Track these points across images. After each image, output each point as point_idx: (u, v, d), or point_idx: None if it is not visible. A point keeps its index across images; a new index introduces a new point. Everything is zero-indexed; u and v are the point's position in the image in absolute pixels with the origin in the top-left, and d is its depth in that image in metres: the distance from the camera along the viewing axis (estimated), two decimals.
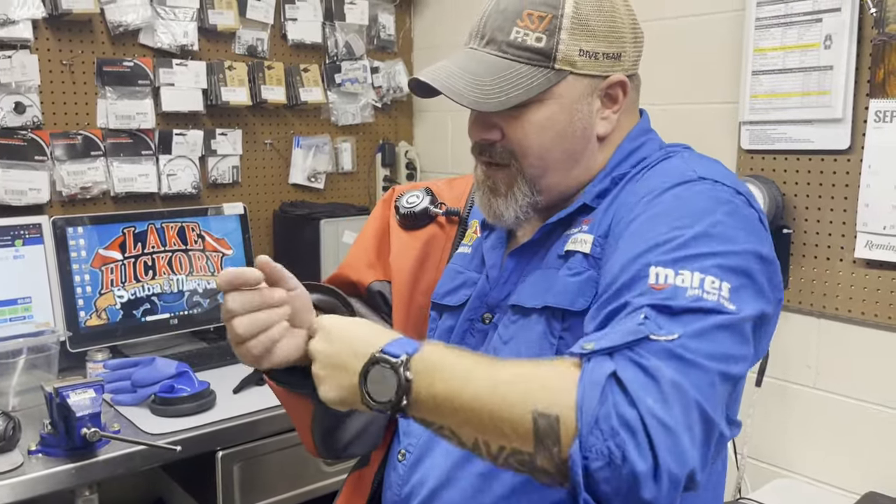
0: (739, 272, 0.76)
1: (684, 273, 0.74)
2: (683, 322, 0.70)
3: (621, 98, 0.94)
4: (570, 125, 0.92)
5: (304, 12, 2.44)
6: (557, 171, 0.94)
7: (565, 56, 0.89)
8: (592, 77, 0.91)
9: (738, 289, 0.75)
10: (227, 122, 2.35)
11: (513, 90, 0.89)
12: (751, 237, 0.80)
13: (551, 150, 0.92)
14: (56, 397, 1.44)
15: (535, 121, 0.91)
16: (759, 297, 0.77)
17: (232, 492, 1.68)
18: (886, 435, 1.64)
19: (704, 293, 0.72)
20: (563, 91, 0.91)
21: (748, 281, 0.77)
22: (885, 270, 1.60)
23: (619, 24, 0.92)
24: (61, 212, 2.04)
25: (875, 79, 1.57)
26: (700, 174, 0.85)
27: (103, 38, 2.11)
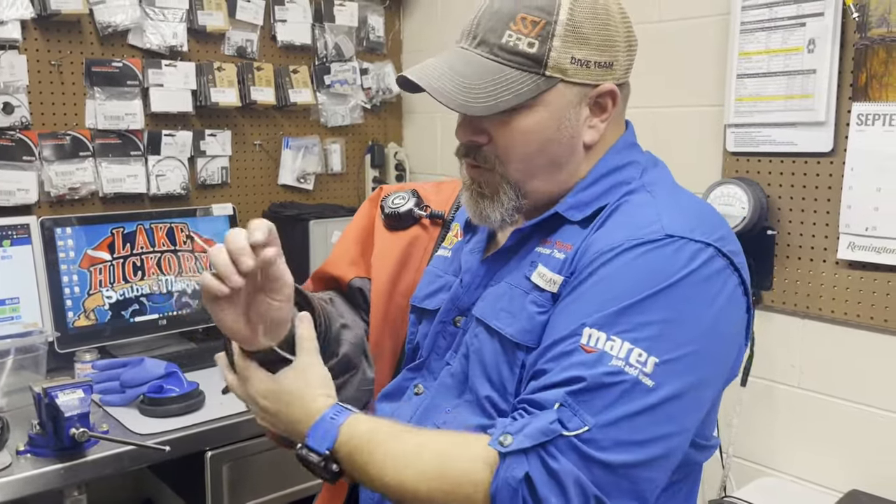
0: (674, 345, 0.77)
1: (615, 340, 0.76)
2: (597, 407, 0.74)
3: (610, 107, 0.93)
4: (557, 132, 0.91)
5: (293, 14, 2.45)
6: (541, 177, 0.93)
7: (556, 63, 0.88)
8: (583, 85, 0.90)
9: (667, 363, 0.76)
10: (217, 123, 2.35)
11: (501, 95, 0.87)
12: (702, 308, 0.79)
13: (536, 156, 0.91)
14: (44, 398, 1.44)
15: (522, 127, 0.90)
16: (692, 370, 0.78)
17: (221, 492, 1.68)
18: (869, 434, 1.66)
19: (627, 366, 0.75)
20: (553, 98, 0.89)
21: (683, 355, 0.77)
22: (868, 271, 1.63)
23: (613, 33, 0.90)
24: (49, 212, 2.03)
25: (858, 82, 1.59)
26: (667, 229, 0.82)
27: (92, 39, 2.10)
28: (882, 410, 1.65)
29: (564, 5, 0.88)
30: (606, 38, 0.90)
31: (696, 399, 0.80)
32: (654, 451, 0.76)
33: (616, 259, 0.81)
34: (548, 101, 0.89)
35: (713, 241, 0.83)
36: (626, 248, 0.81)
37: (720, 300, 0.81)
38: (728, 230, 0.88)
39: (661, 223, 0.83)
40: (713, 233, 0.84)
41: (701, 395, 0.81)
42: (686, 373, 0.77)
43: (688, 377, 0.77)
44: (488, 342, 0.91)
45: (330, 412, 0.87)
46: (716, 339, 0.81)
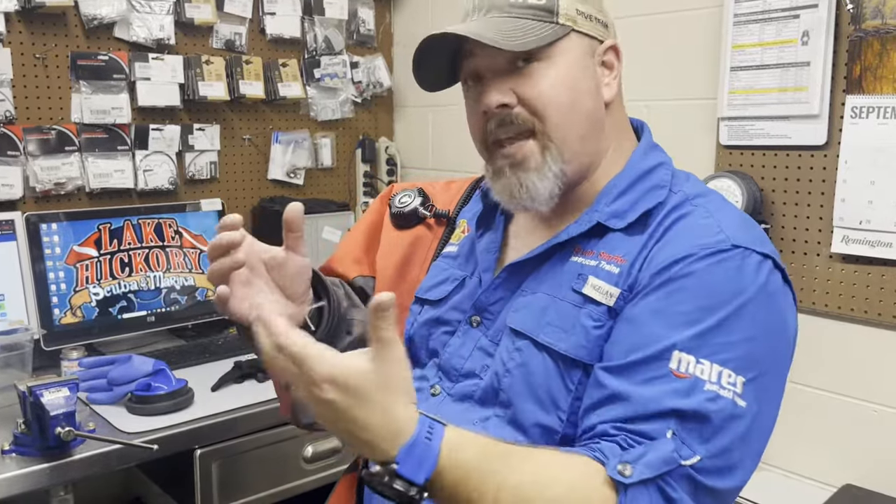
0: (757, 362, 0.78)
1: (704, 363, 0.76)
2: (705, 436, 0.74)
3: (616, 64, 0.96)
4: (582, 81, 0.92)
5: (282, 6, 2.42)
6: (578, 131, 0.92)
7: (566, 12, 0.92)
8: (591, 38, 0.94)
9: (753, 381, 0.78)
10: (205, 118, 2.32)
11: (527, 37, 0.89)
12: (776, 322, 0.81)
13: (568, 107, 0.91)
14: (29, 396, 1.42)
15: (549, 78, 0.90)
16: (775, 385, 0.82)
17: (210, 490, 1.66)
18: (863, 428, 1.66)
19: (721, 389, 0.75)
20: (569, 46, 0.92)
21: (766, 370, 0.79)
22: (862, 265, 1.62)
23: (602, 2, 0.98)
24: (35, 208, 2.00)
25: (852, 75, 1.59)
26: (732, 240, 0.82)
27: (77, 32, 2.07)
28: (876, 405, 1.64)
29: None
30: (600, 2, 0.98)
31: (776, 412, 0.83)
32: (752, 468, 0.79)
33: (689, 269, 0.81)
34: (565, 50, 0.92)
35: (769, 252, 0.84)
36: (698, 257, 0.81)
37: (787, 313, 0.84)
38: (772, 246, 0.88)
39: (724, 233, 0.83)
40: (765, 244, 0.85)
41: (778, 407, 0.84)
42: (770, 388, 0.80)
43: (772, 392, 0.81)
44: (536, 357, 0.88)
45: (422, 430, 0.69)
46: (788, 351, 0.84)
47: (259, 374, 1.84)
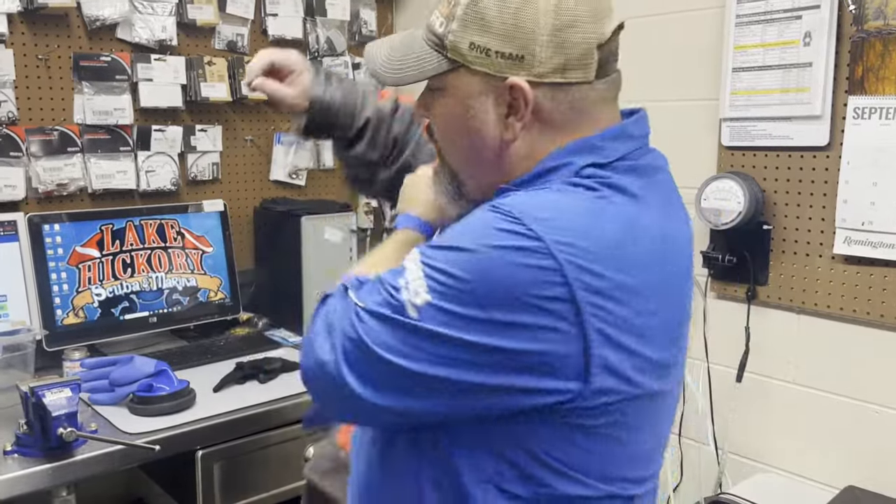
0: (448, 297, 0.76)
1: (416, 265, 0.79)
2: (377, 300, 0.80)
3: (522, 107, 0.84)
4: (465, 121, 0.87)
5: (284, 7, 2.42)
6: (464, 162, 0.91)
7: (454, 46, 0.85)
8: (487, 75, 0.84)
9: (436, 309, 0.77)
10: (207, 118, 2.32)
11: (409, 69, 0.88)
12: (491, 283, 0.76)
13: (455, 141, 0.91)
14: (32, 397, 1.42)
15: (440, 108, 0.90)
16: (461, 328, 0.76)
17: (212, 491, 1.66)
18: (865, 429, 1.66)
19: (404, 287, 0.79)
20: (458, 83, 0.86)
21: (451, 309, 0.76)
22: (864, 266, 1.62)
23: (527, 24, 0.81)
24: (37, 209, 2.01)
25: (854, 76, 1.58)
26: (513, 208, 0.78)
27: (80, 33, 2.08)
28: (878, 406, 1.64)
29: None
30: (516, 28, 0.81)
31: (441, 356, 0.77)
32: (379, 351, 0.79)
33: None
34: (454, 86, 0.87)
35: (550, 239, 0.75)
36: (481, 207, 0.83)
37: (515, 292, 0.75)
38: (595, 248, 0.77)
39: (520, 201, 0.80)
40: (557, 234, 0.76)
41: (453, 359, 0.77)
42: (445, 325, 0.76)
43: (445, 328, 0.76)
44: None
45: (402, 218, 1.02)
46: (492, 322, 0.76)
47: (261, 374, 1.84)
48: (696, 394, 1.92)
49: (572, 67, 0.83)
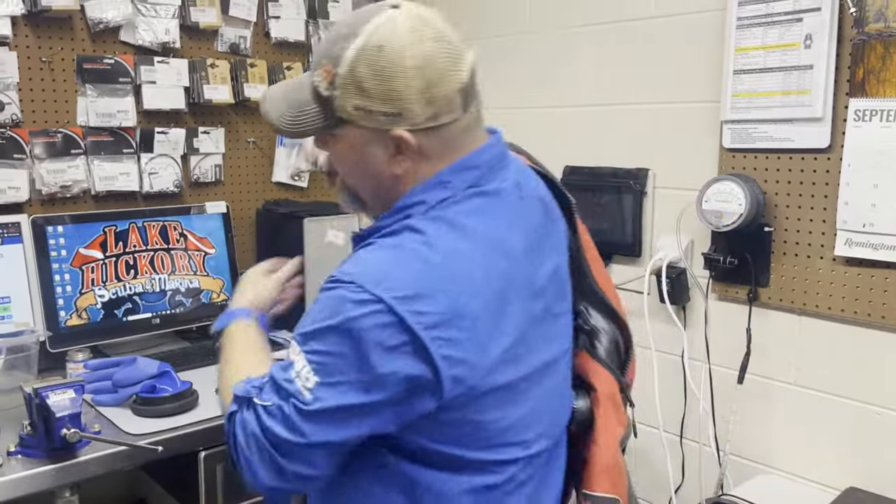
0: (330, 372, 0.94)
1: (300, 356, 0.97)
2: (279, 395, 0.98)
3: (405, 150, 1.01)
4: (361, 163, 1.05)
5: (287, 10, 2.43)
6: (362, 189, 1.10)
7: (342, 108, 1.01)
8: (373, 129, 1.01)
9: (325, 386, 0.95)
10: (210, 121, 2.33)
11: (304, 126, 1.05)
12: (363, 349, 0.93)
13: (352, 177, 1.09)
14: (35, 398, 1.42)
15: (336, 150, 1.08)
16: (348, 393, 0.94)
17: (215, 492, 1.67)
18: (867, 431, 1.66)
19: (296, 377, 0.96)
20: (349, 135, 1.03)
21: (336, 380, 0.94)
22: (865, 268, 1.62)
23: (399, 89, 0.97)
24: (41, 210, 2.01)
25: (855, 78, 1.59)
26: (354, 278, 0.95)
27: (83, 35, 2.09)
28: (879, 407, 1.64)
29: (346, 60, 0.99)
30: (391, 91, 0.98)
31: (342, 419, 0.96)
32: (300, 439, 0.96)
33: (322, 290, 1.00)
34: (345, 136, 1.04)
35: (388, 297, 0.92)
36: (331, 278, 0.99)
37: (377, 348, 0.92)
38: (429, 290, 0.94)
39: (359, 268, 0.97)
40: (397, 290, 0.93)
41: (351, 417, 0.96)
42: (343, 395, 0.94)
43: (344, 398, 0.94)
44: None
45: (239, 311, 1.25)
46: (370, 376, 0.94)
47: None
48: (698, 395, 1.92)
49: (442, 113, 1.00)
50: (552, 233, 1.12)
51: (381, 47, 0.98)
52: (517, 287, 1.01)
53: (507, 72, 2.37)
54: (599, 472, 1.14)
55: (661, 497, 2.05)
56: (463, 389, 0.95)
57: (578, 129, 2.18)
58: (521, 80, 2.33)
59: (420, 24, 1.00)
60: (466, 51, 1.04)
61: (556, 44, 2.22)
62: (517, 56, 2.33)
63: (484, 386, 0.97)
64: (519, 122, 2.33)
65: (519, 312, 1.01)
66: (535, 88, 2.29)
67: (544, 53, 2.26)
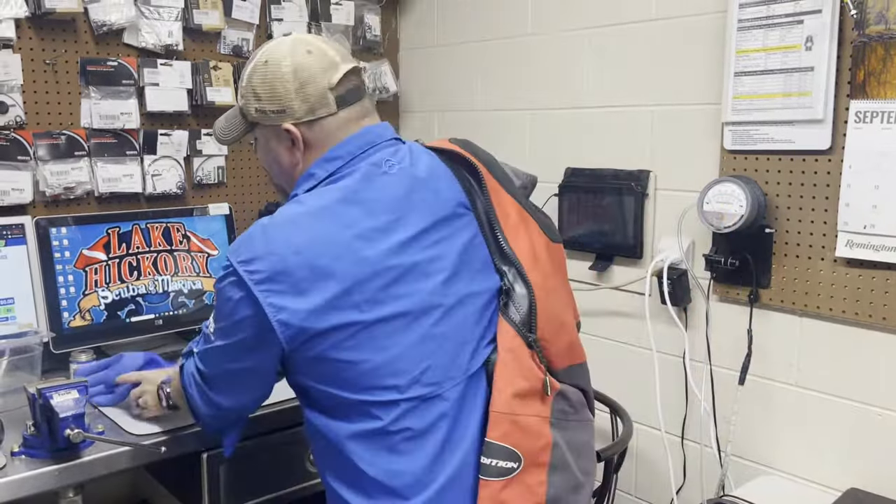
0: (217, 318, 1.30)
1: None
2: (202, 341, 1.35)
3: (295, 139, 1.31)
4: (272, 158, 1.38)
5: (289, 13, 2.44)
6: (280, 180, 1.41)
7: (247, 112, 1.36)
8: (271, 126, 1.33)
9: (217, 329, 1.30)
10: (213, 123, 2.33)
11: (232, 131, 1.42)
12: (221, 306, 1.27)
13: (268, 168, 1.42)
14: (39, 398, 1.43)
15: (257, 150, 1.42)
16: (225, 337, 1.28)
17: (218, 493, 1.67)
18: (868, 432, 1.66)
19: (207, 327, 1.33)
20: (259, 135, 1.38)
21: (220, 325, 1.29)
22: (866, 269, 1.62)
23: (280, 91, 1.29)
24: (44, 212, 2.02)
25: (855, 80, 1.59)
26: (227, 252, 1.25)
27: (87, 38, 2.10)
28: (881, 409, 1.64)
29: (245, 76, 1.35)
30: (274, 94, 1.30)
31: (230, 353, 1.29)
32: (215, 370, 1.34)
33: None
34: (259, 137, 1.39)
35: (235, 262, 1.22)
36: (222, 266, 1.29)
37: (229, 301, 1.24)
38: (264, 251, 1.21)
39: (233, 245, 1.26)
40: (241, 255, 1.22)
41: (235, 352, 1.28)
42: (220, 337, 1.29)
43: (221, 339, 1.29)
44: None
45: None
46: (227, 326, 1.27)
47: None
48: (699, 396, 1.93)
49: (317, 108, 1.30)
50: (430, 201, 1.29)
51: (267, 61, 1.31)
52: (345, 249, 1.20)
53: (508, 74, 2.37)
54: (493, 418, 1.20)
55: (663, 498, 2.05)
56: (294, 331, 1.19)
57: (580, 131, 2.19)
58: (522, 83, 2.33)
59: (299, 43, 1.31)
60: (342, 64, 1.31)
61: (557, 47, 2.23)
62: (519, 59, 2.34)
63: (315, 327, 1.18)
64: (520, 124, 2.33)
65: (346, 269, 1.19)
66: (537, 91, 2.29)
67: (546, 56, 2.26)
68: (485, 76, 2.45)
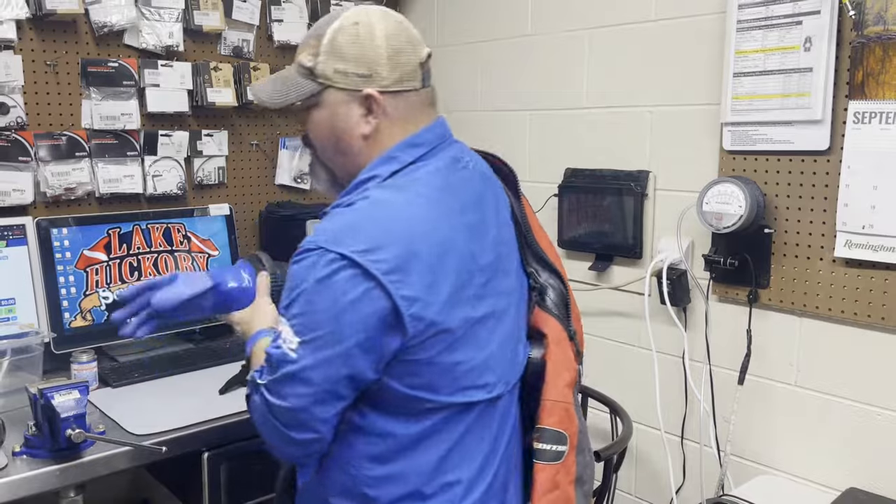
0: (310, 328, 1.09)
1: (283, 324, 1.12)
2: (271, 371, 1.14)
3: (375, 108, 1.21)
4: (335, 124, 1.23)
5: (289, 13, 2.45)
6: (333, 158, 1.26)
7: (322, 72, 1.21)
8: (348, 90, 1.21)
9: (305, 343, 1.09)
10: (213, 123, 2.35)
11: (290, 94, 1.25)
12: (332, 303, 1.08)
13: (326, 141, 1.25)
14: (41, 398, 1.43)
15: (315, 119, 1.25)
16: (326, 348, 1.09)
17: (218, 492, 1.68)
18: (867, 431, 1.67)
19: (283, 342, 1.11)
20: (327, 98, 1.22)
21: (315, 335, 1.09)
22: (865, 269, 1.63)
23: (370, 54, 1.19)
24: (45, 213, 2.03)
25: (854, 80, 1.60)
26: (318, 243, 1.10)
27: (88, 39, 2.10)
28: (880, 408, 1.65)
29: (328, 33, 1.21)
30: (363, 56, 1.19)
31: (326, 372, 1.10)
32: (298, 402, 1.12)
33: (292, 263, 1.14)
34: (325, 101, 1.23)
35: (346, 252, 1.08)
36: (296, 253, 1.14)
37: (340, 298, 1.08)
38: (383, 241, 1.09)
39: (316, 236, 1.12)
40: (355, 245, 1.08)
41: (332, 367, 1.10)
42: (320, 350, 1.09)
43: (321, 353, 1.09)
44: None
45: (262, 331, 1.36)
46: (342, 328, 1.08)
47: None
48: (699, 396, 1.93)
49: (405, 79, 1.22)
50: (493, 202, 1.28)
51: (357, 23, 1.21)
52: (457, 241, 1.16)
53: (508, 75, 2.38)
54: (549, 406, 1.25)
55: (663, 497, 2.06)
56: (423, 326, 1.09)
57: (579, 132, 2.19)
58: (522, 84, 2.34)
59: (389, 13, 1.25)
60: (422, 39, 1.27)
61: (557, 47, 2.23)
62: (519, 59, 2.34)
63: (441, 324, 1.11)
64: (520, 124, 2.34)
65: (460, 262, 1.15)
66: (537, 91, 2.30)
67: (546, 57, 2.27)
68: (485, 76, 2.46)
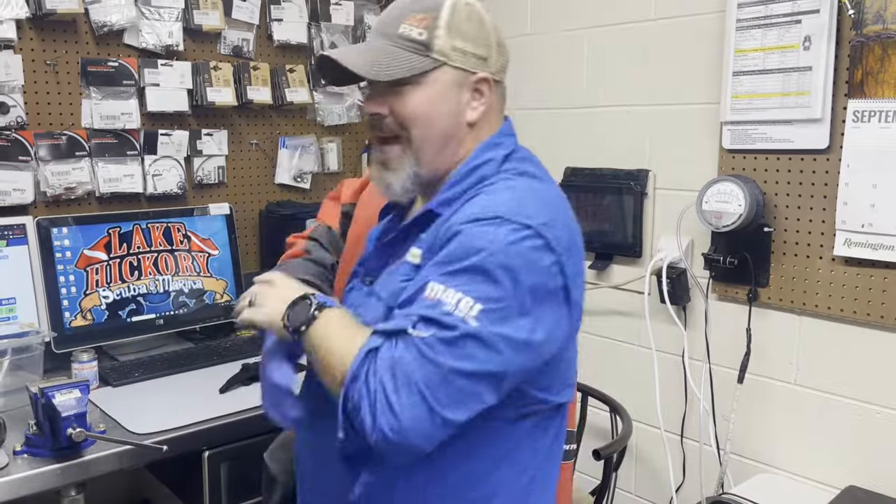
0: (495, 300, 0.97)
1: (449, 292, 0.97)
2: (435, 328, 0.96)
3: (487, 92, 1.13)
4: (443, 107, 1.11)
5: (289, 13, 2.45)
6: (434, 144, 1.13)
7: (441, 48, 1.10)
8: (463, 70, 1.11)
9: (486, 312, 0.96)
10: (213, 123, 2.35)
11: (398, 68, 1.09)
12: (520, 272, 0.98)
13: (427, 124, 1.12)
14: (41, 398, 1.44)
15: (415, 100, 1.11)
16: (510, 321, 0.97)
17: (218, 492, 1.68)
18: (866, 430, 1.67)
19: (456, 310, 0.96)
20: (439, 77, 1.11)
21: (500, 306, 0.97)
22: (864, 268, 1.63)
23: (485, 35, 1.13)
24: (45, 212, 2.03)
25: (853, 79, 1.60)
26: (494, 212, 1.01)
27: (88, 38, 2.10)
28: (879, 406, 1.65)
29: (447, 6, 1.11)
30: (481, 37, 1.12)
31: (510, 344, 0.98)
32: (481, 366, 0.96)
33: (457, 230, 1.02)
34: (435, 79, 1.11)
35: (533, 224, 1.00)
36: (465, 222, 1.02)
37: (535, 263, 0.99)
38: (554, 218, 1.04)
39: (492, 207, 1.02)
40: (533, 218, 1.01)
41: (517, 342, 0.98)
42: (505, 322, 0.97)
43: (507, 327, 0.97)
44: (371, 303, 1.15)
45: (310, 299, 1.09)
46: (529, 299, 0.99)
47: None
48: (698, 394, 1.93)
49: (504, 69, 1.17)
50: None
51: (469, 3, 1.13)
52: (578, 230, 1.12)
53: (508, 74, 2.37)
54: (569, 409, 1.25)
55: (662, 496, 2.06)
56: (578, 313, 1.06)
57: (579, 131, 2.19)
58: (522, 83, 2.34)
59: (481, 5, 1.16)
60: None
61: (556, 47, 2.24)
62: (518, 59, 2.33)
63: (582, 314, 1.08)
64: (520, 123, 2.33)
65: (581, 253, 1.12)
66: (536, 91, 2.30)
67: (545, 56, 2.27)
68: None
